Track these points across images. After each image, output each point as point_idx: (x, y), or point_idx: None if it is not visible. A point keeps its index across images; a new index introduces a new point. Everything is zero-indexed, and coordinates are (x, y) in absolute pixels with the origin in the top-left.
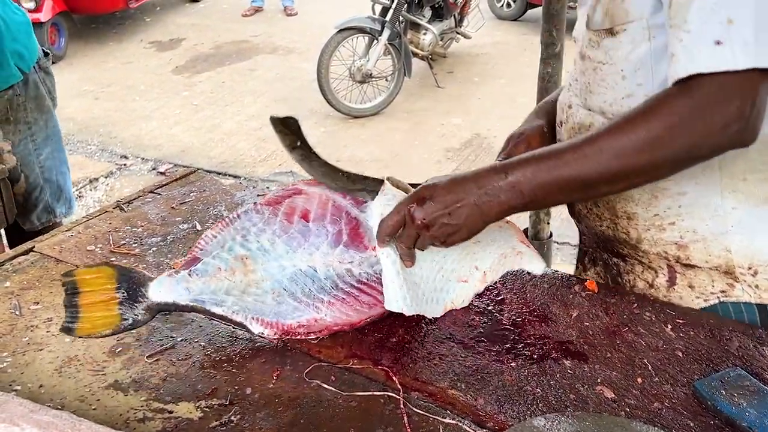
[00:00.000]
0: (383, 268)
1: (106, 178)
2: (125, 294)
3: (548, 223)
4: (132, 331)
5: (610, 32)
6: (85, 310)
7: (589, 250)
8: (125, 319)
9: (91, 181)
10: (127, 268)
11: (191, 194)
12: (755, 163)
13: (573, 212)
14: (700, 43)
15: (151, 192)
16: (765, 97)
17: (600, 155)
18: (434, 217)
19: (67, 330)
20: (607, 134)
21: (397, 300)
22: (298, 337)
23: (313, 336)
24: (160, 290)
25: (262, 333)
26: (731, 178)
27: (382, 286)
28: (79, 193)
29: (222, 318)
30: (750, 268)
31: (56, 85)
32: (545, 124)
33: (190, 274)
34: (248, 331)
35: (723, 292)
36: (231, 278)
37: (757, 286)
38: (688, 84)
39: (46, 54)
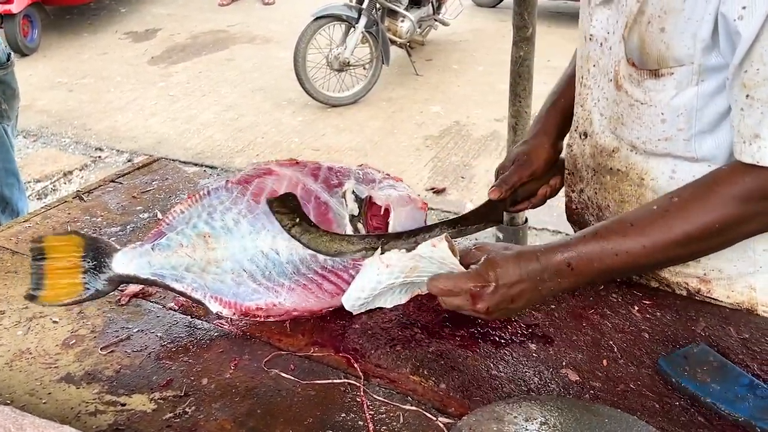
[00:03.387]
0: (363, 275)
1: (80, 171)
2: (90, 263)
3: None
4: (87, 323)
5: (655, 74)
6: (50, 276)
7: None
8: (88, 289)
9: (65, 174)
10: (95, 237)
11: (153, 183)
12: None
13: (573, 219)
14: None
15: (112, 181)
16: None
17: (667, 246)
18: (497, 304)
19: (30, 297)
20: (670, 221)
21: (353, 306)
22: (258, 319)
23: (273, 319)
24: (123, 262)
25: (221, 312)
26: None
27: (347, 275)
28: (54, 186)
29: (181, 294)
30: None
31: (25, 80)
32: (549, 142)
33: (153, 248)
34: (207, 309)
35: None
36: (192, 255)
37: None
38: (764, 169)
39: (8, 58)
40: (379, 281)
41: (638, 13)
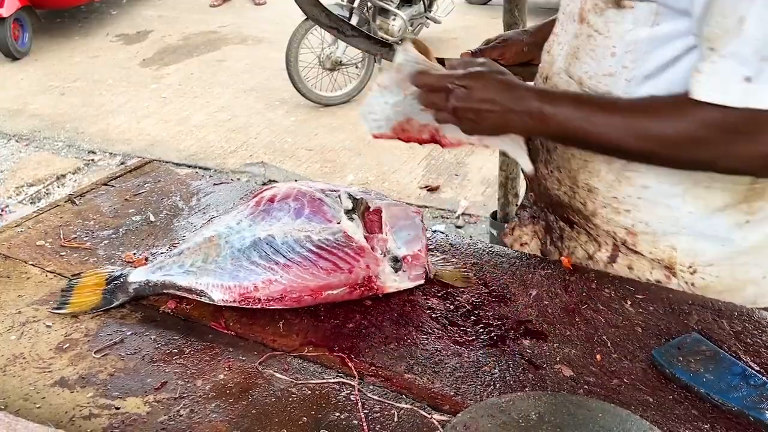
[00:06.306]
0: (369, 100)
1: (73, 174)
2: (111, 283)
3: (516, 205)
4: (80, 327)
5: (617, 3)
6: (76, 296)
7: (533, 207)
8: (106, 299)
9: (58, 178)
10: (123, 269)
11: (145, 185)
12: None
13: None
14: (732, 76)
15: (105, 184)
16: None
17: (626, 131)
18: (464, 108)
19: (57, 308)
20: (638, 113)
21: (372, 128)
22: (258, 305)
23: (272, 305)
24: (138, 273)
25: (223, 300)
26: (695, 185)
27: (342, 253)
28: (47, 190)
29: (188, 290)
30: (690, 267)
31: (17, 84)
32: (527, 44)
33: (165, 257)
34: (210, 299)
35: (658, 281)
36: (197, 253)
37: (692, 284)
38: (718, 107)
39: None
40: (385, 101)
41: None
